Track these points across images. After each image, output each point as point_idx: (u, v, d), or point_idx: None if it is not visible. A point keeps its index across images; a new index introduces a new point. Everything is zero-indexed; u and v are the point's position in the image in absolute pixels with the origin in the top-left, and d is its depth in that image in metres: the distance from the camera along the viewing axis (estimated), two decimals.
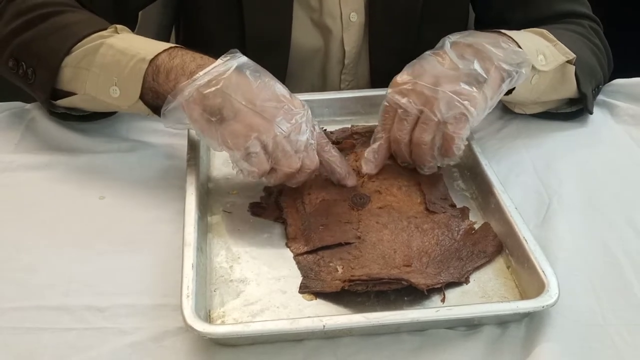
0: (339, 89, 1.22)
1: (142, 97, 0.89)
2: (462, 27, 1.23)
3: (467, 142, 0.91)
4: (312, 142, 0.86)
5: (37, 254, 0.83)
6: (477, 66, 0.90)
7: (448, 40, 0.93)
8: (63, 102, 0.97)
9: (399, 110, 0.90)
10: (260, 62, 0.88)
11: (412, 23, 1.16)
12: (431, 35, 0.97)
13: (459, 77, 0.89)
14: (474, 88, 0.89)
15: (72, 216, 0.89)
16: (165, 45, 0.90)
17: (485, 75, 0.89)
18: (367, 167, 0.93)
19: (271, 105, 0.83)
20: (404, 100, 0.89)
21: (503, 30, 0.97)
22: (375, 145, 0.93)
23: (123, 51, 0.90)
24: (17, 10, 0.98)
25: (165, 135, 1.03)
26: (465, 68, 0.89)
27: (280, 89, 0.86)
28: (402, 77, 0.91)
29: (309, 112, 0.86)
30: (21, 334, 0.74)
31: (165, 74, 0.87)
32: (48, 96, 0.96)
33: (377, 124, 0.97)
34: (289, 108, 0.84)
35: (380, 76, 1.19)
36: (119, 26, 0.95)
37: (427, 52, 0.94)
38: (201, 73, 0.84)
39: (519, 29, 1.01)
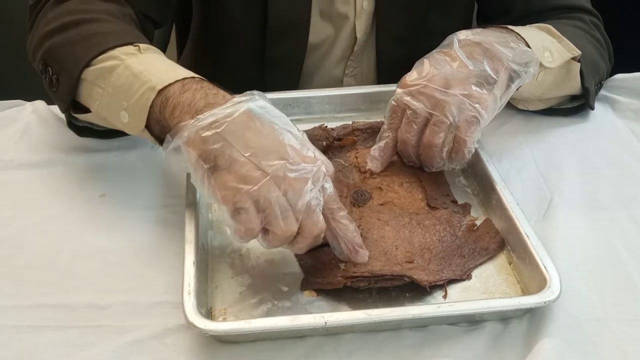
0: (344, 75, 1.22)
1: (150, 128, 0.83)
2: (467, 17, 1.23)
3: (477, 145, 0.90)
4: (319, 202, 0.74)
5: (38, 252, 0.83)
6: (487, 67, 0.89)
7: (456, 38, 0.92)
8: (80, 117, 0.93)
9: (408, 112, 0.89)
10: (278, 52, 0.84)
11: (419, 11, 1.15)
12: (437, 24, 0.95)
13: (469, 78, 0.88)
14: (484, 90, 0.88)
15: (72, 214, 0.89)
16: (182, 74, 0.82)
17: (495, 77, 0.89)
18: (373, 165, 0.92)
19: (273, 156, 0.73)
20: (414, 102, 0.88)
21: (510, 27, 0.96)
22: (381, 143, 0.92)
23: (137, 75, 0.83)
24: (59, 13, 0.95)
25: None
26: (475, 69, 0.89)
27: (290, 138, 0.75)
28: (411, 77, 0.90)
29: (323, 168, 0.75)
30: (22, 332, 0.74)
31: (172, 108, 0.79)
32: (67, 107, 0.92)
33: (378, 120, 0.97)
34: (296, 161, 0.74)
35: (385, 64, 1.19)
36: (143, 45, 0.88)
37: (436, 51, 0.92)
38: (207, 114, 0.75)
39: (520, 20, 1.00)
